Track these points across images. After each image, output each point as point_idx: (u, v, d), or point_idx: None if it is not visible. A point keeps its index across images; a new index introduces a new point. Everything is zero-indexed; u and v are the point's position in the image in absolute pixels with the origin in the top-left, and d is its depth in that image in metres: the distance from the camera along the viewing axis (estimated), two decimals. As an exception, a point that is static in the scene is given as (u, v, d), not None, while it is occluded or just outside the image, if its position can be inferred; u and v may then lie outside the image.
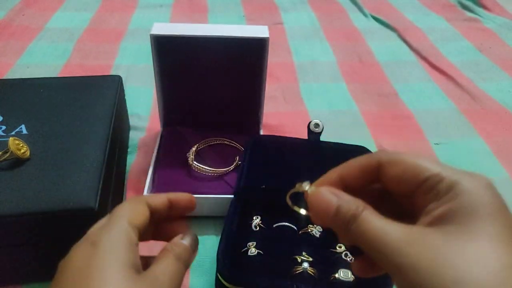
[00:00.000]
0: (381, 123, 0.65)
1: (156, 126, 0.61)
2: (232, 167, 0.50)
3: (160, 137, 0.55)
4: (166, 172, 0.50)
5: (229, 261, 0.37)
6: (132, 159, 0.55)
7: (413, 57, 0.86)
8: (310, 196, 0.25)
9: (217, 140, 0.55)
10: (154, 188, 0.47)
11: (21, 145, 0.39)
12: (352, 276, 0.37)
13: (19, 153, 0.38)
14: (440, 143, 0.61)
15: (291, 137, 0.53)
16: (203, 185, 0.49)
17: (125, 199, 0.49)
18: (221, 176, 0.50)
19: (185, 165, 0.51)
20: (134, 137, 0.59)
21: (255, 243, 0.40)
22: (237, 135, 0.56)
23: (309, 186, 0.26)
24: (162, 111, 0.57)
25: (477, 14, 1.06)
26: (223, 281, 0.36)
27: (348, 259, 0.39)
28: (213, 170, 0.50)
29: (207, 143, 0.54)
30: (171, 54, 0.52)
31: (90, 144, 0.42)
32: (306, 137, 0.51)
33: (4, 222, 0.34)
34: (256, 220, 0.42)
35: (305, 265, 0.37)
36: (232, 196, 0.45)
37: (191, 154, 0.51)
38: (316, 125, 0.50)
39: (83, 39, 0.86)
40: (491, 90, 0.75)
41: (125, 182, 0.51)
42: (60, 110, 0.46)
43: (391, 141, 0.61)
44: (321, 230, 0.42)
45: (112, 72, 0.75)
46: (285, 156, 0.49)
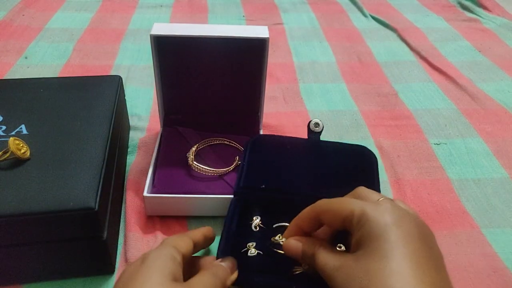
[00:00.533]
0: (381, 123, 0.65)
1: (156, 126, 0.61)
2: (232, 167, 0.50)
3: (160, 137, 0.55)
4: (166, 172, 0.50)
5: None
6: (132, 159, 0.55)
7: (412, 57, 0.86)
8: (284, 247, 0.34)
9: (217, 140, 0.55)
10: (154, 188, 0.47)
11: (21, 145, 0.39)
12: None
13: (19, 153, 0.38)
14: (440, 143, 0.62)
15: (291, 137, 0.53)
16: (203, 185, 0.49)
17: (125, 200, 0.49)
18: (221, 176, 0.50)
19: (185, 165, 0.51)
20: (134, 137, 0.59)
21: (254, 243, 0.40)
22: (237, 135, 0.56)
23: (281, 238, 0.36)
24: (162, 111, 0.57)
25: (476, 15, 1.06)
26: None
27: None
28: (213, 170, 0.50)
29: (207, 143, 0.55)
30: (171, 54, 0.52)
31: (90, 144, 0.42)
32: (306, 137, 0.51)
33: (4, 222, 0.34)
34: (256, 221, 0.42)
35: (305, 265, 0.37)
36: (232, 196, 0.45)
37: (191, 154, 0.51)
38: (316, 124, 0.50)
39: (83, 39, 0.86)
40: (491, 90, 0.75)
41: (125, 182, 0.51)
42: (60, 110, 0.46)
43: (391, 141, 0.61)
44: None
45: (112, 72, 0.75)
46: (285, 156, 0.49)
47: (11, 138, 0.38)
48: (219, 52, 0.53)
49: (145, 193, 0.45)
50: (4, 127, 0.43)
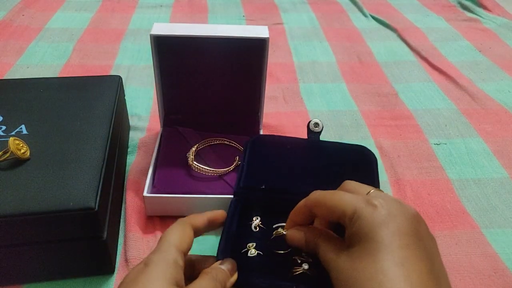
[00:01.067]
0: (381, 123, 0.65)
1: (156, 126, 0.61)
2: (232, 167, 0.50)
3: (160, 137, 0.55)
4: (166, 172, 0.50)
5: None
6: (132, 159, 0.55)
7: (413, 57, 0.86)
8: (287, 237, 0.35)
9: (217, 140, 0.55)
10: (154, 188, 0.47)
11: (21, 145, 0.39)
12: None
13: (19, 153, 0.38)
14: (440, 143, 0.62)
15: (291, 137, 0.52)
16: (203, 185, 0.49)
17: (125, 199, 0.49)
18: (221, 176, 0.50)
19: (185, 165, 0.51)
20: (134, 137, 0.59)
21: (254, 243, 0.40)
22: (237, 135, 0.56)
23: (283, 230, 0.36)
24: (162, 111, 0.57)
25: (477, 15, 1.06)
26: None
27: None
28: (213, 170, 0.50)
29: (207, 143, 0.55)
30: (171, 54, 0.52)
31: (90, 144, 0.42)
32: (306, 137, 0.51)
33: (4, 222, 0.34)
34: (256, 221, 0.42)
35: (305, 266, 0.37)
36: (232, 196, 0.45)
37: (191, 154, 0.51)
38: (316, 124, 0.50)
39: (83, 39, 0.86)
40: (491, 90, 0.75)
41: (125, 182, 0.51)
42: (60, 110, 0.46)
43: (391, 141, 0.61)
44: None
45: (112, 72, 0.75)
46: (285, 156, 0.49)
47: (11, 138, 0.38)
48: (219, 52, 0.53)
49: (145, 193, 0.45)
50: (4, 127, 0.43)
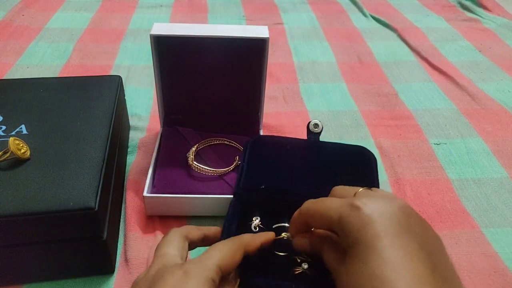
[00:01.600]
0: (381, 123, 0.65)
1: (156, 126, 0.61)
2: (232, 167, 0.50)
3: (160, 137, 0.55)
4: (166, 172, 0.50)
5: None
6: (132, 159, 0.55)
7: (413, 57, 0.86)
8: (294, 245, 0.35)
9: (217, 140, 0.55)
10: (154, 188, 0.47)
11: (21, 145, 0.39)
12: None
13: (19, 153, 0.38)
14: (440, 143, 0.62)
15: (291, 137, 0.52)
16: (203, 185, 0.49)
17: (125, 199, 0.49)
18: (221, 176, 0.50)
19: (185, 165, 0.51)
20: (134, 137, 0.59)
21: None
22: (237, 135, 0.56)
23: (285, 234, 0.36)
24: (162, 111, 0.57)
25: (477, 15, 1.06)
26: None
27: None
28: (213, 170, 0.50)
29: (207, 143, 0.55)
30: (171, 54, 0.52)
31: (90, 144, 0.42)
32: (306, 137, 0.51)
33: (4, 222, 0.34)
34: (256, 221, 0.42)
35: (305, 265, 0.37)
36: (232, 196, 0.45)
37: (191, 154, 0.51)
38: (316, 125, 0.50)
39: (83, 39, 0.86)
40: (491, 90, 0.75)
41: (125, 182, 0.51)
42: (60, 110, 0.46)
43: (391, 141, 0.61)
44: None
45: (112, 72, 0.75)
46: (284, 157, 0.49)
47: (11, 138, 0.38)
48: (219, 52, 0.53)
49: (145, 193, 0.45)
50: (4, 127, 0.43)
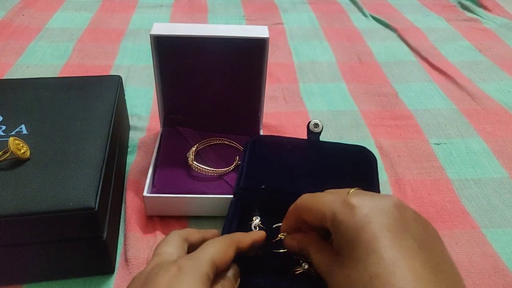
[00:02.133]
0: (381, 123, 0.65)
1: (156, 126, 0.61)
2: (232, 167, 0.50)
3: (160, 137, 0.55)
4: (166, 172, 0.50)
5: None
6: (132, 159, 0.55)
7: (413, 57, 0.86)
8: (285, 244, 0.36)
9: (217, 140, 0.55)
10: (154, 188, 0.47)
11: (21, 145, 0.39)
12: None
13: (19, 153, 0.38)
14: (440, 143, 0.62)
15: (291, 137, 0.53)
16: (203, 185, 0.49)
17: (125, 199, 0.49)
18: (221, 176, 0.50)
19: (185, 165, 0.51)
20: (134, 137, 0.59)
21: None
22: (237, 135, 0.56)
23: (283, 235, 0.37)
24: (162, 111, 0.57)
25: (477, 15, 1.06)
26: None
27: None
28: (213, 170, 0.50)
29: (207, 143, 0.54)
30: (171, 54, 0.52)
31: (90, 144, 0.42)
32: (306, 137, 0.51)
33: (4, 222, 0.34)
34: (256, 221, 0.42)
35: (305, 265, 0.37)
36: (232, 196, 0.45)
37: (191, 154, 0.51)
38: (316, 125, 0.50)
39: (83, 39, 0.86)
40: (491, 90, 0.75)
41: (125, 182, 0.51)
42: (60, 110, 0.46)
43: (391, 141, 0.61)
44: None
45: (112, 72, 0.75)
46: (284, 157, 0.49)
47: (11, 138, 0.38)
48: (219, 52, 0.53)
49: (145, 193, 0.45)
50: (4, 127, 0.43)
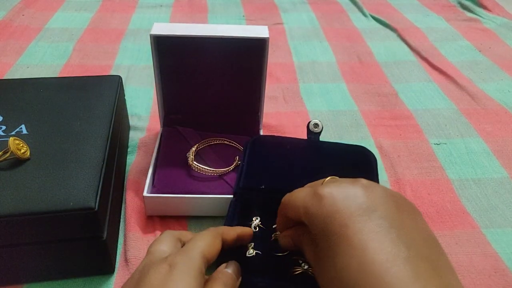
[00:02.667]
0: (381, 123, 0.65)
1: (156, 126, 0.61)
2: (232, 167, 0.50)
3: (160, 137, 0.55)
4: (166, 172, 0.50)
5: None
6: (132, 159, 0.55)
7: (413, 57, 0.86)
8: (279, 241, 0.37)
9: (217, 140, 0.55)
10: (154, 188, 0.47)
11: (21, 145, 0.39)
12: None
13: (19, 153, 0.38)
14: (440, 143, 0.62)
15: (291, 137, 0.53)
16: (203, 185, 0.49)
17: (125, 199, 0.49)
18: (221, 176, 0.50)
19: (185, 165, 0.51)
20: (134, 137, 0.59)
21: (253, 244, 0.40)
22: (237, 135, 0.56)
23: (277, 234, 0.38)
24: (162, 111, 0.57)
25: (477, 14, 1.06)
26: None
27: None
28: (213, 170, 0.50)
29: (207, 143, 0.55)
30: (171, 54, 0.52)
31: (90, 144, 0.42)
32: (306, 137, 0.51)
33: (4, 222, 0.34)
34: (256, 221, 0.42)
35: (305, 266, 0.37)
36: (232, 196, 0.45)
37: (191, 154, 0.51)
38: (316, 125, 0.50)
39: (83, 39, 0.86)
40: (491, 90, 0.75)
41: (125, 182, 0.51)
42: (60, 110, 0.46)
43: (391, 141, 0.61)
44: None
45: (112, 72, 0.75)
46: (284, 157, 0.49)
47: (11, 138, 0.38)
48: (219, 52, 0.53)
49: (145, 193, 0.45)
50: (4, 127, 0.43)
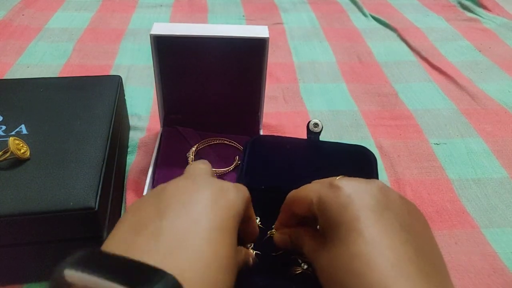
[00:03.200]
0: (381, 123, 0.65)
1: (156, 126, 0.61)
2: (232, 167, 0.50)
3: (160, 137, 0.55)
4: (166, 172, 0.50)
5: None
6: (132, 159, 0.55)
7: (413, 57, 0.86)
8: (274, 241, 0.36)
9: (217, 140, 0.55)
10: (154, 188, 0.47)
11: (21, 145, 0.39)
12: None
13: (19, 153, 0.38)
14: (440, 143, 0.62)
15: (291, 137, 0.52)
16: (203, 185, 0.49)
17: (125, 199, 0.49)
18: (221, 176, 0.50)
19: (185, 165, 0.50)
20: (134, 137, 0.59)
21: (252, 243, 0.39)
22: (237, 135, 0.56)
23: (273, 233, 0.37)
24: (162, 111, 0.57)
25: (477, 14, 1.06)
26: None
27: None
28: (213, 170, 0.50)
29: (207, 143, 0.55)
30: (171, 54, 0.52)
31: (90, 144, 0.42)
32: (306, 137, 0.51)
33: (4, 222, 0.34)
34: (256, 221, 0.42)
35: (304, 265, 0.37)
36: (232, 196, 0.45)
37: (191, 154, 0.51)
38: (316, 124, 0.50)
39: (83, 39, 0.86)
40: (491, 90, 0.75)
41: (125, 182, 0.51)
42: (60, 110, 0.46)
43: (391, 141, 0.61)
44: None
45: (112, 72, 0.75)
46: (284, 156, 0.49)
47: (11, 138, 0.38)
48: (219, 52, 0.53)
49: (145, 193, 0.45)
50: (4, 127, 0.43)
